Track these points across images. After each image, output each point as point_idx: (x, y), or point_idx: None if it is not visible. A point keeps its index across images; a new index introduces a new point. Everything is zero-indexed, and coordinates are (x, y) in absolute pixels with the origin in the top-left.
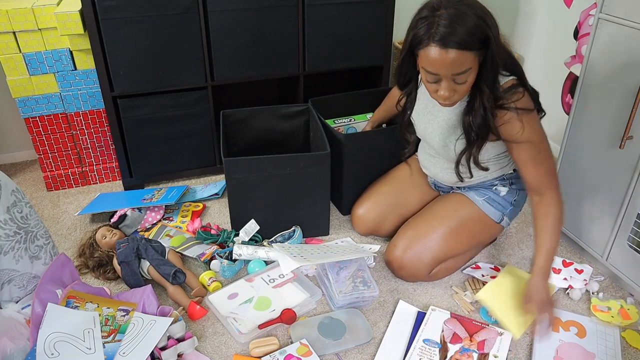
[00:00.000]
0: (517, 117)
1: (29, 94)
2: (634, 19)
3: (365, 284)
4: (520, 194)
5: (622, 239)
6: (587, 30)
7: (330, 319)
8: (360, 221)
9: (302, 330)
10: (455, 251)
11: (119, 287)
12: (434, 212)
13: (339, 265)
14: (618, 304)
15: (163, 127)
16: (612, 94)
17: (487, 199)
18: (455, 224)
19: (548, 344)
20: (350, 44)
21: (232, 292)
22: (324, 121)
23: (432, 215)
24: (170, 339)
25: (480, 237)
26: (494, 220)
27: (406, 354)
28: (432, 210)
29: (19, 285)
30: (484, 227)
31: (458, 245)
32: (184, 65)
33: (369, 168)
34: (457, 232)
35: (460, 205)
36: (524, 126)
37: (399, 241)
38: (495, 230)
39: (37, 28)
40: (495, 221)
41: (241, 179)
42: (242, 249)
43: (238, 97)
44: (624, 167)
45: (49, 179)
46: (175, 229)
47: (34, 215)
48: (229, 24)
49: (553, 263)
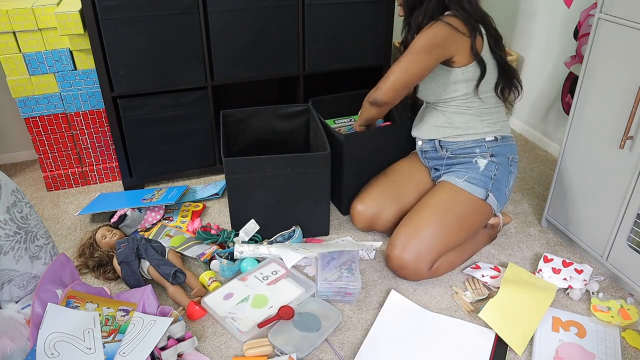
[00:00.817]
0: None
1: (29, 94)
2: (634, 19)
3: (351, 272)
4: (500, 169)
5: (622, 239)
6: (587, 30)
7: (300, 315)
8: (359, 215)
9: (282, 335)
10: (450, 239)
11: (119, 287)
12: (423, 205)
13: (332, 255)
14: (618, 304)
15: (163, 127)
16: (612, 94)
17: (468, 179)
18: (444, 211)
19: (548, 344)
20: (350, 44)
21: (227, 292)
22: (324, 121)
23: (422, 209)
24: (170, 339)
25: (471, 220)
26: (479, 197)
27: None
28: (422, 204)
29: (19, 285)
30: (472, 208)
31: (452, 233)
32: (184, 65)
33: (369, 168)
34: (447, 218)
35: (445, 192)
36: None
37: (396, 240)
38: (485, 210)
39: (37, 28)
40: (480, 198)
41: (241, 179)
42: (244, 246)
43: (238, 97)
44: (623, 167)
45: (49, 179)
46: (175, 229)
47: (34, 215)
48: (229, 24)
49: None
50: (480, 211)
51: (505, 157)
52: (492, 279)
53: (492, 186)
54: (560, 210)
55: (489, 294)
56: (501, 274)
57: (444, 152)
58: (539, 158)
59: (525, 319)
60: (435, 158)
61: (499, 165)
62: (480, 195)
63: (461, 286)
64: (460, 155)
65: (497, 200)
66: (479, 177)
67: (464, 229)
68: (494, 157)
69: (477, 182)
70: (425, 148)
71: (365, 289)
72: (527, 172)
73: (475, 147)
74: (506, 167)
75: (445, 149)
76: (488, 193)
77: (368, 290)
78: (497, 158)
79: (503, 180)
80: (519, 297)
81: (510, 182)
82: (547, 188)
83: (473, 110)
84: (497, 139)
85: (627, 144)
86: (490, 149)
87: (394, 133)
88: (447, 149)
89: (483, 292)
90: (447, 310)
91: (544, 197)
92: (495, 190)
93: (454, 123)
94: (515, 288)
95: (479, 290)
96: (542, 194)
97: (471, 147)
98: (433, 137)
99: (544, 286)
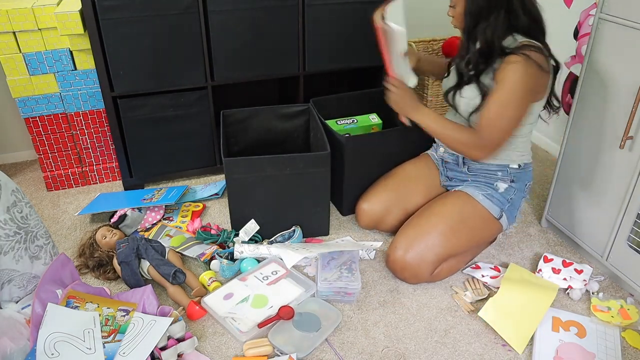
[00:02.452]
0: (514, 62)
1: (29, 94)
2: (634, 19)
3: (351, 272)
4: (517, 195)
5: (622, 239)
6: (587, 30)
7: (300, 315)
8: (364, 214)
9: (282, 335)
10: (456, 248)
11: (119, 287)
12: (433, 210)
13: (332, 255)
14: (618, 304)
15: (163, 127)
16: (612, 94)
17: (486, 195)
18: (455, 221)
19: (548, 344)
20: (350, 44)
21: (227, 292)
22: (324, 121)
23: (432, 214)
24: (170, 339)
25: (480, 233)
26: (494, 215)
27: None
28: (431, 208)
29: (19, 285)
30: (483, 224)
31: (459, 243)
32: (184, 65)
33: (369, 169)
34: (458, 228)
35: (460, 201)
36: (510, 68)
37: (399, 242)
38: (495, 227)
39: (37, 28)
40: (494, 216)
41: (241, 179)
42: (244, 246)
43: (238, 97)
44: (623, 167)
45: (49, 179)
46: (175, 229)
47: (34, 215)
48: (229, 24)
49: (432, 123)
50: (490, 227)
51: (523, 183)
52: (492, 279)
53: (507, 208)
54: (560, 210)
55: (489, 294)
56: (501, 274)
57: (464, 169)
58: (539, 158)
59: (526, 318)
60: (454, 171)
61: (517, 191)
62: (495, 214)
63: (461, 286)
64: (481, 175)
65: (507, 221)
66: (497, 197)
67: (471, 241)
68: (514, 183)
69: (495, 200)
70: (447, 159)
71: (365, 289)
72: None
73: (498, 170)
74: (522, 192)
75: (468, 166)
76: (502, 213)
77: (368, 290)
78: (517, 184)
79: (517, 204)
80: (519, 297)
81: (521, 205)
82: (547, 188)
83: (509, 141)
84: (520, 166)
85: (627, 144)
86: (512, 174)
87: (396, 136)
88: (469, 167)
89: (483, 292)
90: (447, 310)
91: (544, 197)
92: (509, 212)
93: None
94: (516, 287)
95: (479, 290)
96: (542, 194)
97: (494, 171)
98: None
99: (545, 285)
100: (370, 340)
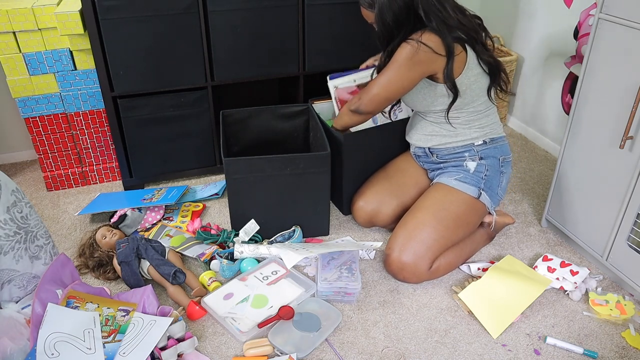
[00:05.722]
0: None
1: (29, 94)
2: (634, 19)
3: (351, 272)
4: (490, 169)
5: (622, 239)
6: (587, 30)
7: (300, 315)
8: (361, 210)
9: (282, 335)
10: (448, 238)
11: (119, 287)
12: (418, 207)
13: (332, 255)
14: (615, 297)
15: (163, 127)
16: (612, 94)
17: (459, 178)
18: (439, 211)
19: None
20: (350, 44)
21: (227, 292)
22: (323, 121)
23: (417, 210)
24: (170, 339)
25: (466, 218)
26: (472, 195)
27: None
28: (416, 206)
29: (19, 285)
30: (466, 206)
31: (449, 232)
32: (184, 65)
33: (368, 167)
34: (444, 218)
35: (438, 193)
36: (400, 48)
37: (393, 244)
38: (479, 207)
39: (37, 28)
40: (473, 196)
41: (241, 179)
42: (244, 246)
43: (238, 97)
44: (623, 167)
45: (49, 179)
46: (175, 229)
47: (34, 215)
48: (229, 24)
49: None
50: (474, 209)
51: (495, 158)
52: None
53: (484, 185)
54: (560, 210)
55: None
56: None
57: (434, 158)
58: (539, 158)
59: (507, 305)
60: (428, 162)
61: (488, 167)
62: (472, 194)
63: (461, 286)
64: (450, 159)
65: (490, 199)
66: (470, 177)
67: (460, 227)
68: (483, 160)
69: (469, 180)
70: (418, 153)
71: (365, 289)
72: (527, 172)
73: (464, 151)
74: (497, 167)
75: (436, 154)
76: (480, 191)
77: (368, 290)
78: (487, 160)
79: (494, 180)
80: (504, 284)
81: (502, 182)
82: (547, 188)
83: (461, 119)
84: (486, 142)
85: (627, 144)
86: (479, 152)
87: (392, 132)
88: (437, 155)
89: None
90: (447, 310)
91: (544, 197)
92: (488, 189)
93: (441, 132)
94: (503, 276)
95: None
96: (542, 194)
97: (460, 152)
98: (422, 145)
99: (536, 279)
100: (370, 340)
